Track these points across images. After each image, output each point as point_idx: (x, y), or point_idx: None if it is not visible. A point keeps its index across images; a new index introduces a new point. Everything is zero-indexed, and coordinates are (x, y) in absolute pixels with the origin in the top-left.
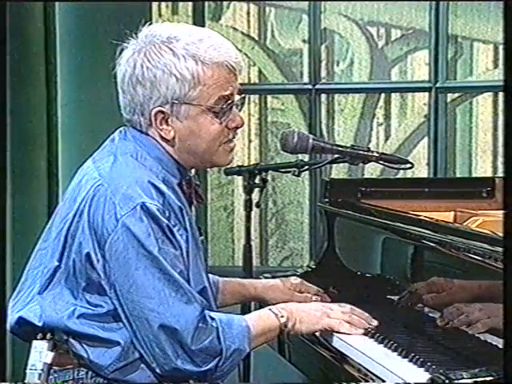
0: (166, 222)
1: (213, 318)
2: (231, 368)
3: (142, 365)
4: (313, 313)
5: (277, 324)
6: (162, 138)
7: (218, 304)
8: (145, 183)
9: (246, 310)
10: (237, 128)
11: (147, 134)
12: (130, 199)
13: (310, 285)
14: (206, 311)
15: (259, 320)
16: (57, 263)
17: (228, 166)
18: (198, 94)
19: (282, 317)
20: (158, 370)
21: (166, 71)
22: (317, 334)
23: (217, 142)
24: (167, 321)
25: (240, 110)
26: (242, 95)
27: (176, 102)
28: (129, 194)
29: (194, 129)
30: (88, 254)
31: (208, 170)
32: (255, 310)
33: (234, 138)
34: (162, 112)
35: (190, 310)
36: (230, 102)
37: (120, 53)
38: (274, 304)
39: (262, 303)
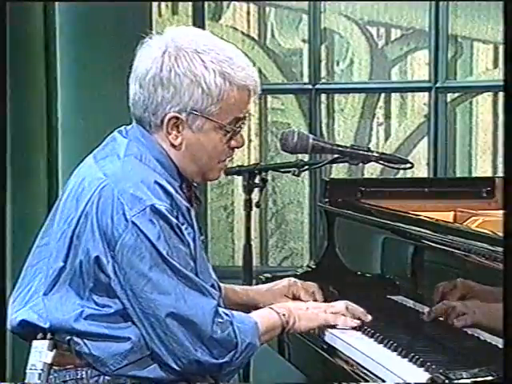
0: (175, 221)
1: (226, 313)
2: (243, 363)
3: (150, 361)
4: (310, 310)
5: (279, 322)
6: (168, 141)
7: None
8: (151, 184)
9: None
10: (237, 148)
11: (151, 135)
12: (139, 201)
13: (303, 283)
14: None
15: (264, 318)
16: (62, 264)
17: (228, 166)
18: (218, 111)
19: (284, 315)
20: (174, 365)
21: (194, 81)
22: (316, 332)
23: (217, 158)
24: (185, 314)
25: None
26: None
27: (195, 112)
28: (137, 195)
29: (203, 142)
30: (97, 257)
31: None
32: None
33: (230, 156)
34: (177, 118)
35: (206, 303)
36: (241, 123)
37: (140, 45)
38: None
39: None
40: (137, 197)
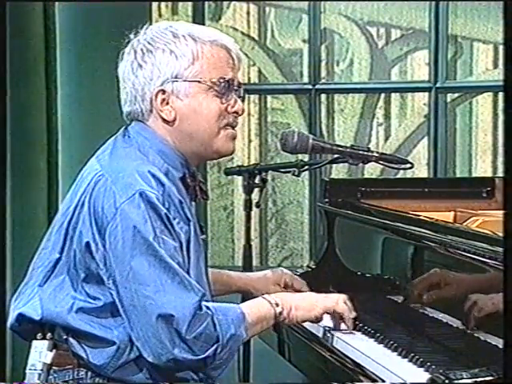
0: (165, 211)
1: (207, 307)
2: (230, 356)
3: (142, 365)
4: (308, 300)
5: (272, 312)
6: (163, 120)
7: None
8: (145, 173)
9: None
10: (237, 113)
11: (147, 124)
12: (129, 187)
13: (298, 278)
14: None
15: (254, 308)
16: (58, 255)
17: (228, 166)
18: (198, 70)
19: (277, 305)
20: (152, 361)
21: (166, 50)
22: (318, 334)
23: (217, 122)
24: (163, 308)
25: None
26: (242, 88)
27: (176, 79)
28: (128, 182)
29: (195, 106)
30: (88, 244)
31: (208, 170)
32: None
33: (234, 125)
34: (163, 92)
35: (186, 298)
36: (231, 86)
37: (122, 56)
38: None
39: (247, 296)
40: (128, 183)
